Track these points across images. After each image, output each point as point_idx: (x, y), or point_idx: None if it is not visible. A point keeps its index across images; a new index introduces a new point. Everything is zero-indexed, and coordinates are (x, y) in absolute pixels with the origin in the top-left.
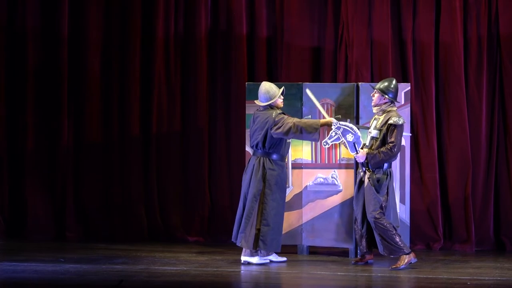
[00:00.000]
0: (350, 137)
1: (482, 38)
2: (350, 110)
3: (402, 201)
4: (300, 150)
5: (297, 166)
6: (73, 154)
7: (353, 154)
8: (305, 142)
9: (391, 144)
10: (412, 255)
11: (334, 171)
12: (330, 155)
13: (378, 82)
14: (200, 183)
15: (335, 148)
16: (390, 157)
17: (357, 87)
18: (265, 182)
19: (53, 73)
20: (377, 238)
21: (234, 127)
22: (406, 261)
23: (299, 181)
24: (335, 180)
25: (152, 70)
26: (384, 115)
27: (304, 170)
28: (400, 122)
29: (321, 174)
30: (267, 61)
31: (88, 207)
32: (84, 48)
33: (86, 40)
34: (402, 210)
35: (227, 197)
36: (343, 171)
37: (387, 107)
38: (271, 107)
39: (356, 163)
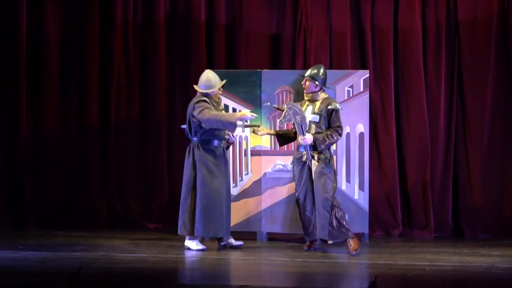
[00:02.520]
0: (298, 119)
1: (441, 24)
2: None
3: (361, 187)
4: (259, 137)
5: (256, 153)
6: (32, 143)
7: (300, 136)
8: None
9: (338, 128)
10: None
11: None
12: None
13: (336, 69)
14: (159, 170)
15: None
16: (337, 140)
17: None
18: (195, 169)
19: (10, 62)
20: (324, 222)
21: None
22: (358, 244)
23: (258, 168)
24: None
25: (111, 57)
26: (320, 101)
27: (263, 157)
28: (340, 107)
29: (280, 161)
30: (226, 48)
31: (47, 195)
32: (41, 36)
33: (44, 28)
34: (361, 197)
35: None
36: None
37: (320, 93)
38: (207, 95)
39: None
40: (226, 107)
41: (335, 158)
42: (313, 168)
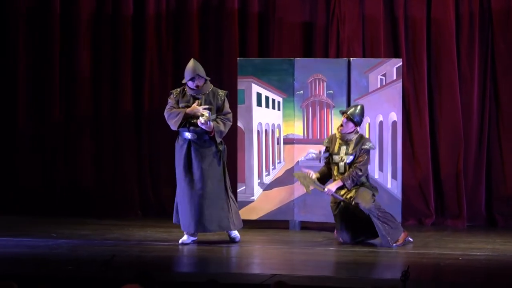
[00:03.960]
0: (310, 187)
1: (474, 13)
2: (342, 86)
3: (394, 176)
4: (292, 126)
5: (289, 141)
6: (64, 130)
7: (322, 190)
8: (296, 117)
9: (362, 166)
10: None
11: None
12: (322, 130)
13: (369, 57)
14: None
15: (327, 123)
16: (362, 175)
17: (349, 62)
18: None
19: (43, 50)
20: (381, 232)
21: None
22: (403, 239)
23: (290, 157)
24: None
25: (144, 46)
26: (353, 141)
27: (296, 146)
28: (373, 147)
29: (313, 150)
30: (259, 37)
31: (80, 183)
32: (75, 24)
33: (77, 16)
34: (394, 186)
35: None
36: None
37: (355, 133)
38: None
39: None
40: (259, 96)
41: None
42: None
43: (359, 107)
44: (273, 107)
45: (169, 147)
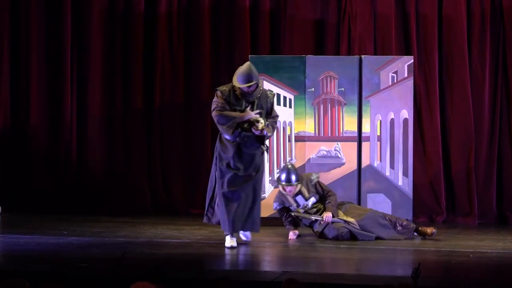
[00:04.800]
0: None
1: (485, 10)
2: (353, 83)
3: (405, 174)
4: (303, 123)
5: (300, 138)
6: (76, 127)
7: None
8: (308, 114)
9: (330, 192)
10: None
11: (337, 144)
12: (333, 127)
13: (381, 55)
14: (204, 155)
15: (338, 121)
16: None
17: (360, 60)
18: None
19: (56, 47)
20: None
21: None
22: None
23: (302, 154)
24: (338, 153)
25: (155, 43)
26: (304, 191)
27: (307, 143)
28: (315, 178)
29: (324, 147)
30: (270, 34)
31: (91, 180)
32: (87, 21)
33: (89, 14)
34: (405, 183)
35: None
36: (346, 143)
37: (300, 187)
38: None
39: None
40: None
41: (378, 144)
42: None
43: (290, 169)
44: (285, 105)
45: (180, 145)
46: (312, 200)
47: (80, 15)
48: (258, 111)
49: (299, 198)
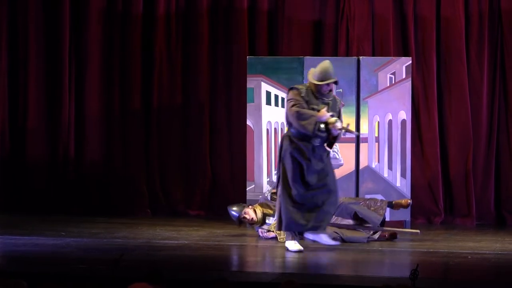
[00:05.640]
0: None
1: (484, 12)
2: (351, 84)
3: (403, 175)
4: None
5: None
6: (74, 127)
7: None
8: None
9: None
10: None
11: (336, 145)
12: None
13: (379, 56)
14: (201, 157)
15: None
16: None
17: (358, 61)
18: (280, 158)
19: (54, 48)
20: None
21: (235, 101)
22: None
23: None
24: (336, 154)
25: (153, 44)
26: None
27: None
28: None
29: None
30: (268, 35)
31: (89, 180)
32: (85, 22)
33: (87, 14)
34: (403, 185)
35: (228, 171)
36: (344, 145)
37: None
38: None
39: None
40: (268, 94)
41: (376, 145)
42: None
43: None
44: (282, 106)
45: (178, 146)
46: None
47: (78, 15)
48: (331, 113)
49: (269, 220)
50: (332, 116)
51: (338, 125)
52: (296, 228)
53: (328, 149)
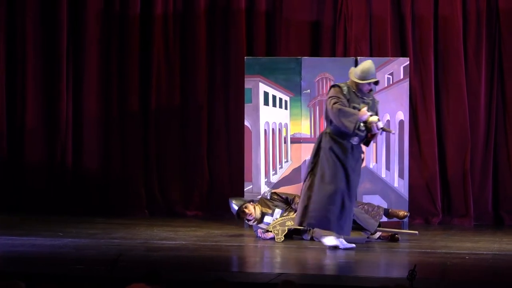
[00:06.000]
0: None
1: (481, 12)
2: None
3: (401, 176)
4: (299, 125)
5: (296, 140)
6: (72, 129)
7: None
8: (303, 116)
9: None
10: None
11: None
12: None
13: (376, 56)
14: (199, 157)
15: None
16: None
17: (356, 61)
18: (316, 157)
19: (52, 49)
20: None
21: (233, 101)
22: None
23: (298, 156)
24: None
25: (151, 45)
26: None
27: (303, 145)
28: None
29: None
30: (266, 35)
31: (87, 181)
32: (83, 22)
33: (85, 17)
34: (401, 185)
35: (226, 171)
36: None
37: None
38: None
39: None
40: (266, 95)
41: (374, 145)
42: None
43: (230, 203)
44: (280, 106)
45: (176, 147)
46: (278, 211)
47: (76, 17)
48: (371, 113)
49: (266, 219)
50: (371, 115)
51: (380, 124)
52: (326, 226)
53: (365, 146)
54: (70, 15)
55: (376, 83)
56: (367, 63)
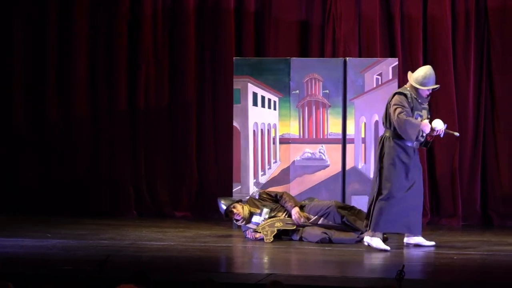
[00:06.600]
0: None
1: (470, 12)
2: (337, 85)
3: None
4: (287, 125)
5: (285, 141)
6: (60, 129)
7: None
8: (292, 116)
9: None
10: None
11: (322, 146)
12: (318, 130)
13: (365, 57)
14: (188, 158)
15: (323, 123)
16: None
17: (345, 62)
18: (381, 160)
19: (39, 48)
20: None
21: (222, 102)
22: None
23: (286, 156)
24: (322, 155)
25: (140, 45)
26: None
27: (292, 145)
28: None
29: (309, 149)
30: (255, 36)
31: (76, 182)
32: (71, 22)
33: (73, 15)
34: None
35: (214, 172)
36: (330, 146)
37: None
38: (416, 90)
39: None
40: (255, 95)
41: (363, 146)
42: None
43: (218, 203)
44: (269, 107)
45: (165, 146)
46: (266, 210)
47: (64, 15)
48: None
49: (255, 219)
50: (432, 122)
51: (443, 130)
52: (392, 229)
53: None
54: (58, 14)
55: (436, 89)
56: (427, 69)
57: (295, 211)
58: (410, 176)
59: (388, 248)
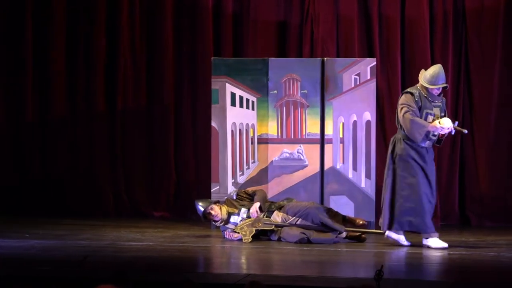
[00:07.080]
0: None
1: (448, 12)
2: (316, 85)
3: (368, 176)
4: (266, 125)
5: (263, 141)
6: (38, 130)
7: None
8: (270, 116)
9: None
10: None
11: (300, 146)
12: (296, 130)
13: (343, 57)
14: (166, 158)
15: (301, 123)
16: None
17: (323, 62)
18: (393, 161)
19: (16, 48)
20: None
21: (200, 102)
22: None
23: (264, 156)
24: (300, 155)
25: (118, 45)
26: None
27: (270, 145)
28: None
29: (287, 149)
30: (233, 36)
31: (54, 183)
32: (48, 22)
33: (50, 15)
34: (367, 185)
35: (193, 172)
36: (308, 146)
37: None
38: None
39: None
40: (233, 95)
41: (341, 146)
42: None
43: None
44: (247, 107)
45: (143, 148)
46: (244, 210)
47: (42, 14)
48: (443, 115)
49: (233, 219)
50: (441, 119)
51: (452, 128)
52: (405, 227)
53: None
54: (35, 14)
55: (445, 88)
56: (436, 68)
57: (255, 206)
58: (423, 176)
59: (445, 244)
